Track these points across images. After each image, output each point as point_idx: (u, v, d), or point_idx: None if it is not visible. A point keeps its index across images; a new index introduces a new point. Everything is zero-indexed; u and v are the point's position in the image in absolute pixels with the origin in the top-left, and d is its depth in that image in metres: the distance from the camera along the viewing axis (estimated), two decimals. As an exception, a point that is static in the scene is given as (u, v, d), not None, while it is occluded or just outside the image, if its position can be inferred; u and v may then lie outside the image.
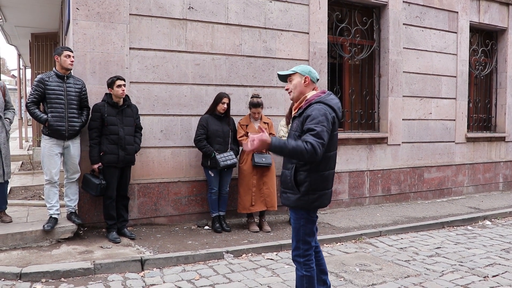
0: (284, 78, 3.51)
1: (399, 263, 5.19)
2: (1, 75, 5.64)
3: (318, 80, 3.48)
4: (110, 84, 5.54)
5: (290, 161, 3.34)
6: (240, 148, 6.39)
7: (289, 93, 3.48)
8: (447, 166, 9.14)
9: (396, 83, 8.32)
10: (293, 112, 3.50)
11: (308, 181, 3.27)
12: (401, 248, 5.84)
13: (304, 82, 3.39)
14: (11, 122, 5.81)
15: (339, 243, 5.99)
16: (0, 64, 5.59)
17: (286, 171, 3.39)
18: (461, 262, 5.27)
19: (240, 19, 6.80)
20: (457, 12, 9.09)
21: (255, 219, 6.53)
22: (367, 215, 7.43)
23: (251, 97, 6.37)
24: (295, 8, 7.26)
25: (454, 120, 9.20)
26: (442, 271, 4.95)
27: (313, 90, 3.44)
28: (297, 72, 3.42)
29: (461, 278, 4.75)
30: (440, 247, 5.88)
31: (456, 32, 9.12)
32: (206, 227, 6.39)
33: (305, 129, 3.18)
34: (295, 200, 3.32)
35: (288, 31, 7.21)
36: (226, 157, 6.09)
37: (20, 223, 5.65)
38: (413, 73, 8.58)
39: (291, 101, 6.40)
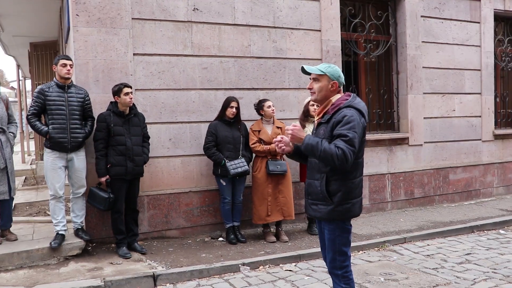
0: (307, 71, 3.41)
1: (426, 272, 5.17)
2: (1, 87, 5.77)
3: (343, 84, 3.42)
4: (117, 92, 5.59)
5: (318, 170, 3.31)
6: (253, 155, 6.43)
7: (311, 93, 3.42)
8: (474, 166, 9.08)
9: (415, 79, 8.31)
10: (316, 117, 3.47)
11: (342, 190, 3.24)
12: (427, 255, 5.82)
13: (331, 87, 3.33)
14: (14, 136, 5.92)
15: (361, 252, 5.99)
16: (-1, 76, 5.73)
17: (314, 182, 3.34)
18: (495, 269, 5.24)
19: (247, 19, 6.87)
20: (480, 0, 9.04)
21: (272, 229, 6.56)
22: (390, 220, 7.42)
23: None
24: (305, 5, 7.30)
25: (480, 116, 9.14)
26: (474, 279, 4.92)
27: (337, 93, 3.37)
28: (326, 74, 3.33)
29: (495, 286, 4.72)
30: (470, 253, 5.85)
31: (479, 22, 9.07)
32: (220, 239, 6.42)
33: (335, 134, 3.16)
34: (329, 211, 3.28)
35: (299, 29, 7.25)
36: (236, 165, 6.12)
37: (26, 241, 5.73)
38: (433, 68, 8.55)
39: (304, 103, 6.50)
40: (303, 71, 3.43)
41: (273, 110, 6.34)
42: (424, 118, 8.45)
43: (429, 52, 8.50)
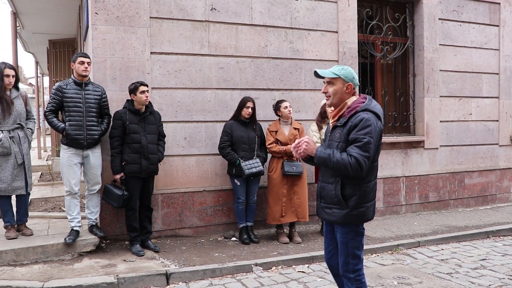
0: (320, 75, 3.36)
1: (440, 276, 5.11)
2: (19, 83, 5.82)
3: (358, 85, 3.37)
4: (133, 90, 5.61)
5: (333, 174, 3.28)
6: (269, 155, 6.41)
7: (327, 97, 3.38)
8: (490, 170, 8.96)
9: (432, 82, 8.23)
10: (331, 120, 3.43)
11: (357, 194, 3.22)
12: (442, 259, 5.75)
13: (346, 90, 3.29)
14: (32, 132, 5.96)
15: (374, 254, 5.94)
16: (18, 73, 5.75)
17: (329, 185, 3.32)
18: (511, 275, 5.15)
19: (265, 19, 6.85)
20: (499, 4, 8.90)
21: (285, 230, 6.53)
22: (404, 224, 7.35)
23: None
24: (322, 6, 7.26)
25: (497, 120, 9.02)
26: (489, 285, 4.84)
27: (352, 95, 3.34)
28: (340, 77, 3.29)
29: (509, 292, 4.65)
30: (485, 259, 5.76)
31: (498, 25, 8.94)
32: (233, 239, 6.42)
33: (351, 138, 3.15)
34: (344, 215, 3.25)
35: (316, 30, 7.22)
36: (251, 165, 6.11)
37: (41, 236, 5.77)
38: (450, 71, 8.46)
39: (321, 105, 6.46)
40: (316, 75, 3.37)
41: (289, 111, 6.32)
42: (440, 121, 8.36)
43: (447, 55, 8.40)
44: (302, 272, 5.27)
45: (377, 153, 3.27)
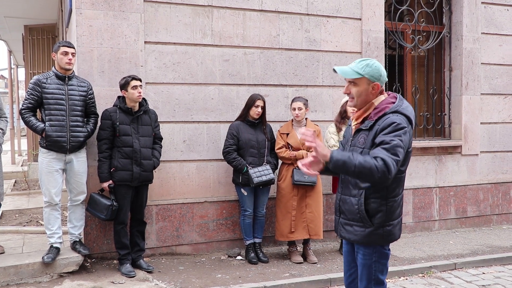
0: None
1: (480, 304, 5.15)
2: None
3: (386, 81, 3.35)
4: (124, 85, 5.67)
5: (355, 185, 3.28)
6: (279, 161, 6.48)
7: (350, 99, 3.36)
8: (540, 181, 8.98)
9: (472, 78, 8.27)
10: (354, 122, 3.42)
11: (384, 210, 3.23)
12: (483, 285, 5.78)
13: (372, 90, 3.27)
14: (4, 133, 5.98)
15: (402, 278, 5.99)
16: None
17: (351, 199, 3.31)
18: None
19: (277, 4, 6.92)
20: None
21: (298, 248, 6.60)
22: (437, 242, 7.39)
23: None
24: (344, -12, 7.33)
25: (549, 123, 9.04)
26: (539, 315, 4.89)
27: (380, 94, 3.31)
28: (364, 77, 3.25)
29: (561, 323, 4.69)
30: (535, 285, 5.80)
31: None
32: (239, 257, 6.50)
33: (377, 141, 3.11)
34: (367, 234, 3.25)
35: (336, 17, 7.28)
36: (261, 172, 6.17)
37: (14, 254, 5.78)
38: (494, 64, 8.48)
39: (341, 103, 6.52)
40: (334, 72, 3.37)
41: (297, 114, 6.33)
42: (481, 123, 8.39)
43: (490, 45, 8.43)
44: (319, 297, 5.34)
45: (406, 162, 3.26)
